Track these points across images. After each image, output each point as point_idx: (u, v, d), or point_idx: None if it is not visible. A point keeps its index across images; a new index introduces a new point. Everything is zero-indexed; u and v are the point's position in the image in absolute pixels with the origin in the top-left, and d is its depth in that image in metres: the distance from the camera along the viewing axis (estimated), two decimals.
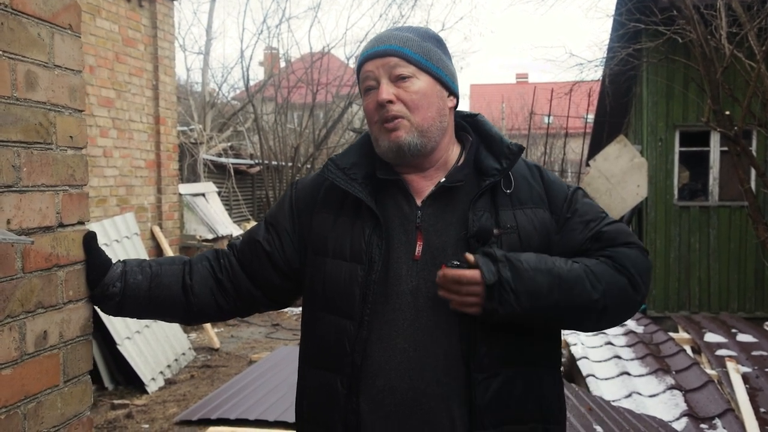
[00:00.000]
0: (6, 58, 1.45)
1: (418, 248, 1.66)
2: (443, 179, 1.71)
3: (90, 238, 1.70)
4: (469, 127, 1.82)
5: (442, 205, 1.69)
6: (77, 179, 1.68)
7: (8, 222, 1.45)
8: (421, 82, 1.67)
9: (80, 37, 1.70)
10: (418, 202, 1.70)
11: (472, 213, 1.65)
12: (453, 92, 1.75)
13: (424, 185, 1.73)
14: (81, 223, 1.69)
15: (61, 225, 1.61)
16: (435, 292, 1.61)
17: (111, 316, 1.75)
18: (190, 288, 1.80)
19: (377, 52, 1.69)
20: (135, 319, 1.90)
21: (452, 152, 1.77)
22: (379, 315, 1.64)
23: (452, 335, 1.62)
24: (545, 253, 1.65)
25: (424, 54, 1.69)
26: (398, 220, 1.69)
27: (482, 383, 1.60)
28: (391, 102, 1.65)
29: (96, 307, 1.76)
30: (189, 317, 1.85)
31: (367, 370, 1.63)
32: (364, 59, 1.71)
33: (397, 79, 1.66)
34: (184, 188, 10.52)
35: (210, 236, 10.22)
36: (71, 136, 1.65)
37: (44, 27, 1.57)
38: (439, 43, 1.76)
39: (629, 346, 6.09)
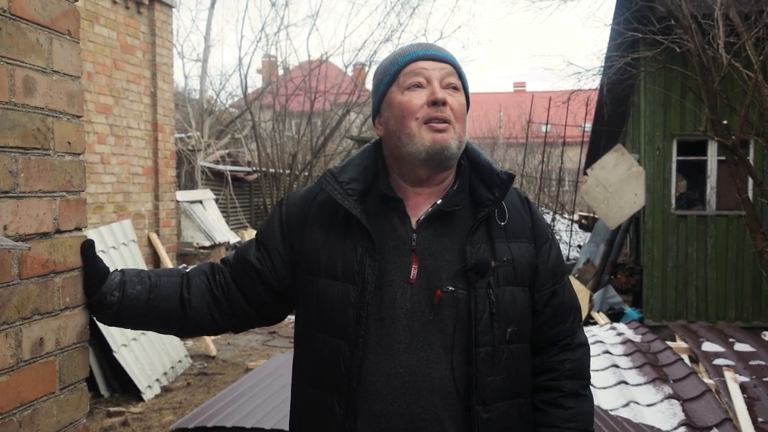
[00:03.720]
0: (4, 63, 1.44)
1: (413, 271, 1.65)
2: (439, 201, 1.71)
3: (88, 246, 1.69)
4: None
5: (438, 229, 1.69)
6: (75, 185, 1.67)
7: (5, 228, 1.44)
8: (463, 98, 1.71)
9: (79, 43, 1.69)
10: (413, 224, 1.70)
11: (470, 245, 1.66)
12: None
13: (419, 204, 1.72)
14: (78, 229, 1.68)
15: (59, 231, 1.60)
16: (430, 316, 1.63)
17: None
18: (187, 301, 1.79)
19: (436, 55, 1.71)
20: (130, 329, 1.88)
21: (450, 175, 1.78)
22: (374, 337, 1.64)
23: (447, 360, 1.63)
24: (531, 286, 1.73)
25: (466, 77, 1.76)
26: (393, 242, 1.68)
27: (484, 417, 1.62)
28: (445, 104, 1.66)
29: (92, 317, 1.75)
30: (184, 330, 1.83)
31: (364, 393, 1.63)
32: (419, 57, 1.71)
33: (448, 87, 1.68)
34: (182, 195, 10.51)
35: (207, 243, 10.20)
36: (69, 142, 1.64)
37: (43, 32, 1.56)
38: None
39: (627, 355, 6.07)
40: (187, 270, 1.88)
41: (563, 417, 1.73)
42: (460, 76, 1.72)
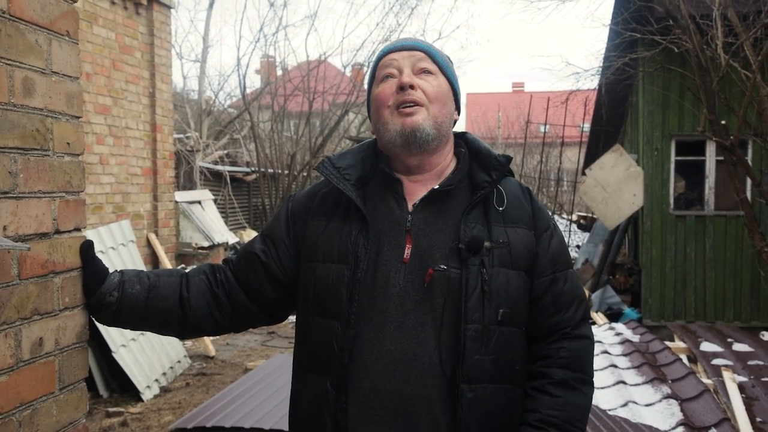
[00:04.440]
0: (3, 64, 1.45)
1: (407, 251, 1.67)
2: (437, 186, 1.73)
3: (87, 247, 1.69)
4: (461, 141, 1.86)
5: (434, 211, 1.71)
6: (74, 186, 1.67)
7: (5, 228, 1.44)
8: (442, 81, 1.74)
9: (78, 44, 1.69)
10: (410, 206, 1.72)
11: (464, 224, 1.67)
12: (458, 107, 1.82)
13: (417, 189, 1.75)
14: (77, 229, 1.68)
15: (58, 231, 1.61)
16: (422, 295, 1.64)
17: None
18: (187, 300, 1.79)
19: (405, 45, 1.76)
20: (129, 330, 1.89)
21: (450, 163, 1.80)
22: (366, 316, 1.65)
23: (436, 338, 1.63)
24: (529, 272, 1.72)
25: (445, 62, 1.78)
26: (389, 223, 1.71)
27: (468, 396, 1.61)
28: (412, 87, 1.68)
29: (91, 317, 1.75)
30: (184, 330, 1.84)
31: (354, 371, 1.64)
32: (390, 50, 1.76)
33: (421, 72, 1.72)
34: (180, 196, 10.50)
35: (206, 244, 10.20)
36: (68, 143, 1.65)
37: (42, 33, 1.56)
38: (452, 62, 1.84)
39: (625, 355, 6.08)
40: (187, 270, 1.88)
41: (547, 403, 1.69)
42: (435, 60, 1.75)
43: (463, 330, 1.61)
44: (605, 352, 6.19)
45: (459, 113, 1.82)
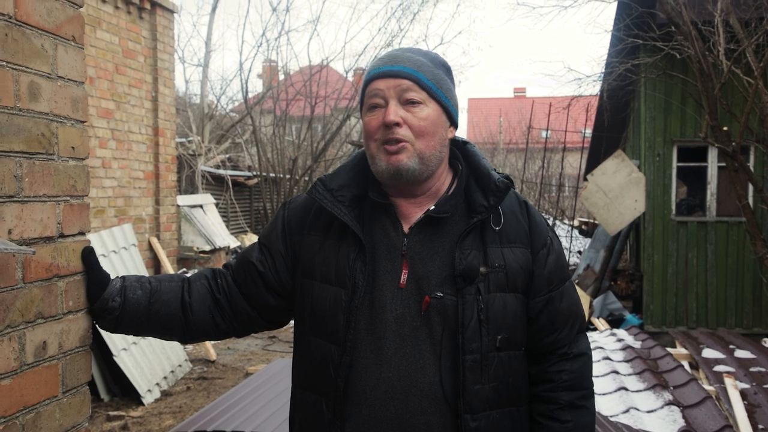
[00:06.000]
0: (9, 69, 1.45)
1: (403, 276, 1.65)
2: (432, 207, 1.70)
3: (89, 252, 1.69)
4: (459, 154, 1.80)
5: (429, 234, 1.68)
6: (78, 190, 1.67)
7: (9, 232, 1.44)
8: (429, 110, 1.66)
9: (83, 49, 1.70)
10: (406, 229, 1.69)
11: (459, 251, 1.64)
12: (454, 122, 1.75)
13: (413, 211, 1.72)
14: (82, 233, 1.69)
15: (62, 235, 1.61)
16: (419, 321, 1.62)
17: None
18: (189, 305, 1.79)
19: (391, 71, 1.66)
20: (131, 335, 1.88)
21: (445, 180, 1.76)
22: (363, 342, 1.64)
23: (436, 365, 1.62)
24: (525, 292, 1.69)
25: (435, 81, 1.67)
26: (384, 246, 1.68)
27: (471, 426, 1.60)
28: (398, 125, 1.62)
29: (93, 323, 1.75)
30: (186, 335, 1.83)
31: (353, 397, 1.63)
32: (376, 76, 1.68)
33: (407, 103, 1.64)
34: (182, 200, 10.52)
35: (207, 248, 10.21)
36: (73, 147, 1.65)
37: (48, 38, 1.57)
38: (448, 71, 1.75)
39: (627, 361, 6.06)
40: (188, 274, 1.88)
41: (559, 430, 1.70)
42: (423, 86, 1.65)
43: (461, 361, 1.60)
44: (607, 358, 6.18)
45: (456, 127, 1.76)
